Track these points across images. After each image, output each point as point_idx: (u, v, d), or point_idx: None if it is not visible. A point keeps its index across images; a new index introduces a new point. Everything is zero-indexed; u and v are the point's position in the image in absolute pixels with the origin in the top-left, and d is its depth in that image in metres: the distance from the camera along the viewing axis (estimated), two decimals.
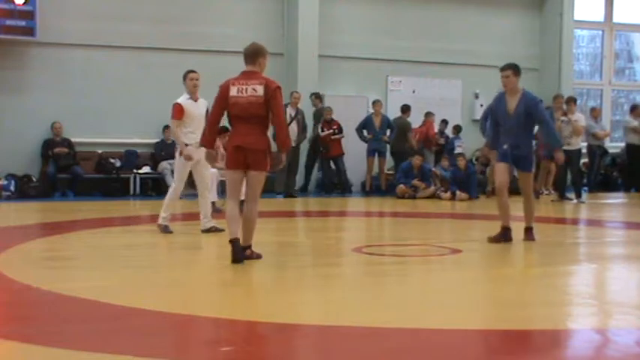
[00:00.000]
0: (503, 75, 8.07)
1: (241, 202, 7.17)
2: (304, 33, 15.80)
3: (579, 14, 18.57)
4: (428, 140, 16.42)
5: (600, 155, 16.85)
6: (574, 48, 18.94)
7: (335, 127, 15.34)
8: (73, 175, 14.38)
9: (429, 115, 16.48)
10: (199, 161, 8.67)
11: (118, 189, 14.59)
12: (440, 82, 17.43)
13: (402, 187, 14.74)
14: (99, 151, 14.93)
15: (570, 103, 14.26)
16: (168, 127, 13.18)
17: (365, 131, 15.39)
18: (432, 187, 14.89)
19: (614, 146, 18.31)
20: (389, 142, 15.51)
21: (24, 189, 13.91)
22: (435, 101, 17.16)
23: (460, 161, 14.78)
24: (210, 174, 11.55)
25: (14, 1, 13.82)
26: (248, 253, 6.75)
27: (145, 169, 14.86)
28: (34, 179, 14.20)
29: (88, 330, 4.44)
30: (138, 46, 15.13)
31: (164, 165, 14.45)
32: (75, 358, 3.89)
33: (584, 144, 14.97)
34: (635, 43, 21.20)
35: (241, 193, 7.22)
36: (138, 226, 9.91)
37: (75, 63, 14.83)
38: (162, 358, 3.93)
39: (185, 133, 8.67)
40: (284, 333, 4.52)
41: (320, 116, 15.09)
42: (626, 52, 21.30)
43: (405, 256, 7.64)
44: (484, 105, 14.49)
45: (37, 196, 13.78)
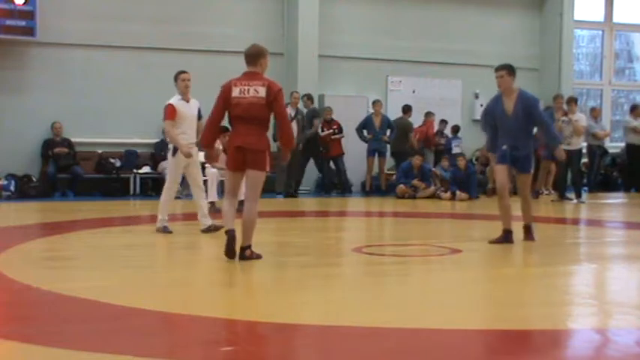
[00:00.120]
0: (497, 75, 8.09)
1: (241, 202, 7.18)
2: (304, 33, 15.79)
3: (579, 14, 18.56)
4: (428, 140, 16.42)
5: (600, 155, 16.85)
6: (574, 48, 18.92)
7: (335, 127, 15.35)
8: (73, 175, 14.37)
9: (429, 115, 16.48)
10: (191, 162, 8.68)
11: (118, 189, 14.59)
12: (440, 82, 17.42)
13: (402, 187, 14.74)
14: (99, 151, 14.92)
15: (571, 103, 14.26)
16: None
17: (365, 131, 15.39)
18: (432, 187, 14.89)
19: (614, 146, 18.30)
20: (389, 142, 15.51)
21: (24, 189, 13.91)
22: (435, 101, 17.15)
23: (460, 161, 14.77)
24: (211, 174, 11.58)
25: (14, 1, 13.81)
26: (248, 253, 6.74)
27: (145, 169, 14.86)
28: (34, 179, 14.19)
29: (88, 330, 4.44)
30: (138, 46, 15.13)
31: (164, 165, 14.37)
32: (75, 358, 3.89)
33: (584, 144, 14.96)
34: (635, 43, 21.19)
35: (241, 193, 7.23)
36: (138, 226, 9.91)
37: (75, 63, 14.82)
38: (162, 358, 3.93)
39: (177, 134, 8.65)
40: (284, 333, 4.52)
41: (312, 117, 15.05)
42: (626, 52, 21.29)
43: (405, 256, 7.64)
44: (484, 105, 14.45)
45: (37, 196, 13.77)
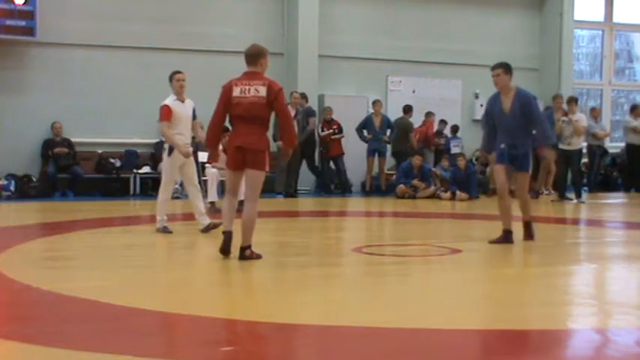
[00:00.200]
0: (493, 74, 8.09)
1: (241, 202, 7.17)
2: (304, 33, 15.79)
3: (579, 14, 18.56)
4: (427, 140, 16.42)
5: (600, 155, 16.85)
6: (574, 48, 18.92)
7: (335, 127, 15.35)
8: (73, 175, 14.38)
9: (429, 115, 16.48)
10: (186, 161, 8.69)
11: (118, 189, 14.59)
12: (440, 82, 17.42)
13: (402, 187, 14.74)
14: (99, 151, 14.93)
15: (571, 103, 14.24)
16: None
17: (365, 131, 15.39)
18: (432, 187, 14.89)
19: (614, 146, 18.31)
20: (389, 142, 15.51)
21: (24, 189, 13.91)
22: (435, 101, 17.15)
23: (460, 161, 14.77)
24: (211, 174, 11.59)
25: (14, 1, 13.81)
26: (248, 253, 6.74)
27: (145, 169, 14.86)
28: (34, 179, 14.20)
29: (88, 330, 4.44)
30: (138, 46, 15.13)
31: None
32: (75, 358, 3.89)
33: (584, 144, 14.96)
34: (635, 43, 21.19)
35: (241, 193, 7.23)
36: (138, 226, 9.91)
37: (75, 63, 14.82)
38: (162, 358, 3.93)
39: (173, 134, 8.65)
40: (284, 333, 4.52)
41: (306, 116, 15.04)
42: (626, 52, 21.29)
43: (405, 256, 7.64)
44: (484, 105, 14.45)
45: (37, 196, 13.78)
